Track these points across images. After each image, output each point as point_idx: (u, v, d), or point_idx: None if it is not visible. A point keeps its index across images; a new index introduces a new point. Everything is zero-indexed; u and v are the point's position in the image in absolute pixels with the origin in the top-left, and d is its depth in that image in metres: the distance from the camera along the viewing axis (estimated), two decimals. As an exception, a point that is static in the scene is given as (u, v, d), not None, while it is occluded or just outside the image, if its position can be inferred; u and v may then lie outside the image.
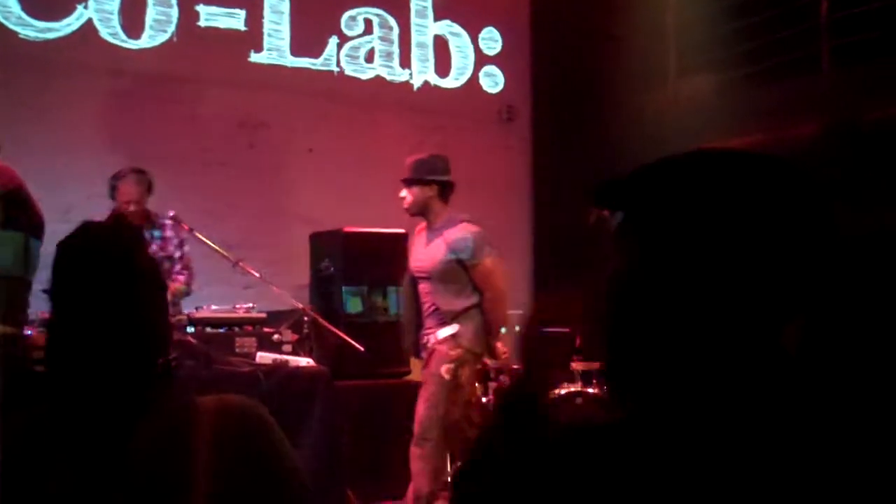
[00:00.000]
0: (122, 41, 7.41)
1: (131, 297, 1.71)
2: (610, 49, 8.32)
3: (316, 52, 8.22)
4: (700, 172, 1.17)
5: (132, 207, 5.92)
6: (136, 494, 1.57)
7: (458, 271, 5.54)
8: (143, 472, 1.58)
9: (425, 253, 5.64)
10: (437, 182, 5.67)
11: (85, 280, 1.69)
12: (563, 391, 6.48)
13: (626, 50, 8.20)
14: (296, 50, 8.11)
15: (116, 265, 1.72)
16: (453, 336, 5.52)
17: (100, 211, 5.82)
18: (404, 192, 5.72)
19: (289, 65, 8.09)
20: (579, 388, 6.32)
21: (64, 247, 1.76)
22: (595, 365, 6.33)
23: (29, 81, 7.04)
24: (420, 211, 5.69)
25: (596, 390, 6.31)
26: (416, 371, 6.90)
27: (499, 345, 5.77)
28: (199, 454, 1.57)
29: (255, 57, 7.95)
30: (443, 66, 8.80)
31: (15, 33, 7.06)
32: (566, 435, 1.17)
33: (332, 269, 6.78)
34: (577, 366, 6.33)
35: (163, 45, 7.56)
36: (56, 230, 6.65)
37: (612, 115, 8.27)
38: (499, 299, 5.70)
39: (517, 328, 7.25)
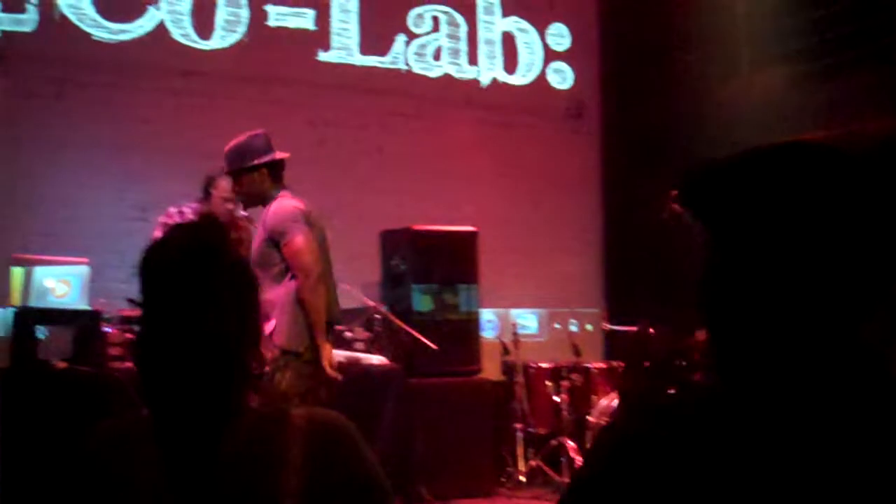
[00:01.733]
0: (194, 42, 7.56)
1: (222, 297, 1.70)
2: (680, 42, 8.27)
3: (384, 50, 8.29)
4: (786, 167, 1.19)
5: (230, 205, 5.86)
6: (224, 500, 1.61)
7: (272, 253, 4.72)
8: (232, 477, 1.60)
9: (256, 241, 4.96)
10: (263, 164, 5.01)
11: (173, 282, 1.70)
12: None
13: (697, 43, 8.15)
14: (364, 48, 8.19)
15: (205, 265, 1.71)
16: (269, 334, 4.60)
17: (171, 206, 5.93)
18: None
19: (357, 63, 8.17)
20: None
21: (153, 248, 1.77)
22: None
23: (102, 82, 7.20)
24: (258, 200, 5.03)
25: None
26: (488, 369, 6.94)
27: (325, 345, 4.67)
28: (288, 464, 1.61)
29: (323, 56, 8.05)
30: (511, 63, 8.82)
31: (89, 35, 7.23)
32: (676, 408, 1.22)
33: (402, 266, 6.84)
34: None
35: (233, 45, 7.68)
36: (131, 228, 6.85)
37: (682, 109, 8.22)
38: (310, 285, 4.65)
39: (603, 326, 7.24)
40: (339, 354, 5.55)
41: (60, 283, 5.31)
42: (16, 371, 4.84)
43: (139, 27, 7.39)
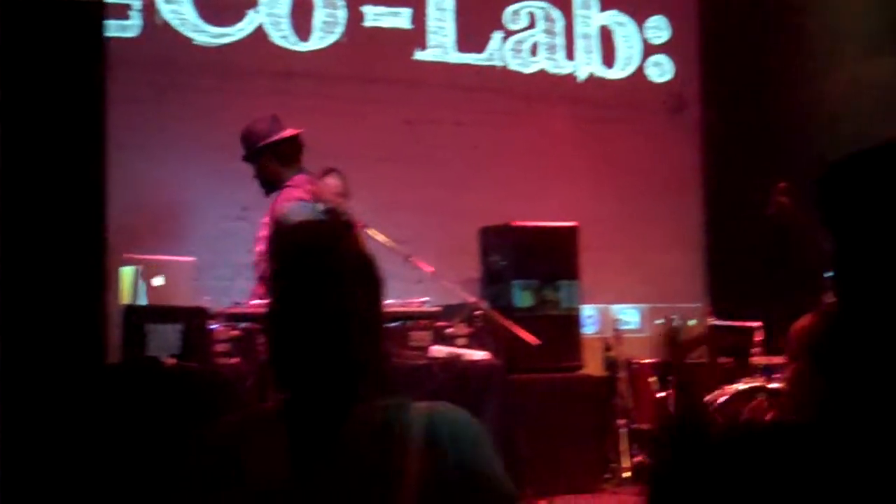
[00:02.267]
0: (292, 44, 7.67)
1: (353, 283, 1.74)
2: (784, 33, 8.13)
3: (480, 47, 8.30)
4: None
5: (339, 200, 5.89)
6: (345, 487, 1.63)
7: None
8: (353, 464, 1.63)
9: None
10: (270, 145, 4.99)
11: (310, 262, 1.74)
12: (742, 385, 6.36)
13: (802, 34, 7.99)
14: (460, 46, 8.21)
15: (339, 252, 1.76)
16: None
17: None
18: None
19: (453, 61, 8.20)
20: (760, 383, 6.19)
21: (291, 230, 1.82)
22: (776, 359, 6.18)
23: (204, 86, 7.35)
24: (273, 186, 5.00)
25: (778, 384, 6.17)
26: (590, 365, 6.90)
27: None
28: (409, 455, 1.62)
29: (419, 54, 8.09)
30: (608, 57, 8.76)
31: (190, 40, 7.39)
32: (725, 440, 1.17)
33: (502, 263, 6.84)
34: (757, 360, 6.20)
35: (331, 46, 7.78)
36: (233, 228, 6.98)
37: (786, 101, 8.08)
38: None
39: (708, 321, 7.17)
40: (442, 350, 5.59)
41: (168, 282, 5.43)
42: (126, 367, 4.96)
43: (239, 30, 7.53)
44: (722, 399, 6.35)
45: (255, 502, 1.63)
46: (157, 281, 5.39)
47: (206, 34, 7.43)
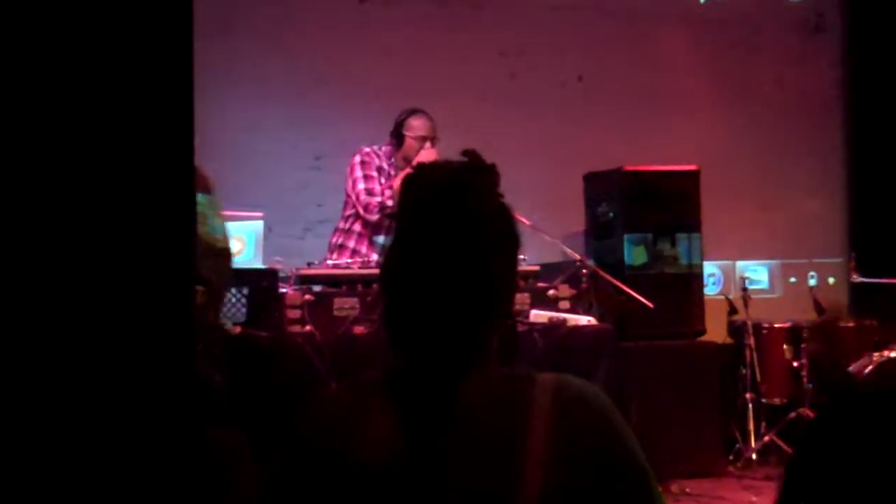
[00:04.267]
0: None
1: (488, 238, 1.76)
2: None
3: (585, -36, 8.22)
4: None
5: (430, 145, 6.06)
6: (465, 463, 1.66)
7: None
8: (470, 435, 1.66)
9: None
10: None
11: (441, 209, 1.75)
12: (893, 353, 6.33)
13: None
14: (562, -37, 8.15)
15: (476, 199, 1.78)
16: None
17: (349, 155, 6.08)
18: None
19: (553, -23, 8.13)
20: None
21: (419, 171, 1.83)
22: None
23: (271, 14, 7.40)
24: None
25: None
26: (712, 330, 6.87)
27: None
28: (533, 430, 1.65)
29: (515, -28, 8.04)
30: (734, -30, 8.61)
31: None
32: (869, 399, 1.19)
33: (611, 214, 6.82)
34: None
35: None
36: (305, 178, 7.06)
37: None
38: None
39: (852, 278, 7.10)
40: (542, 315, 5.60)
41: (233, 240, 5.51)
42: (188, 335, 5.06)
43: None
44: (868, 368, 6.32)
45: (365, 480, 1.68)
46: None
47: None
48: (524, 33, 8.00)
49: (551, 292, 5.76)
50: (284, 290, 5.26)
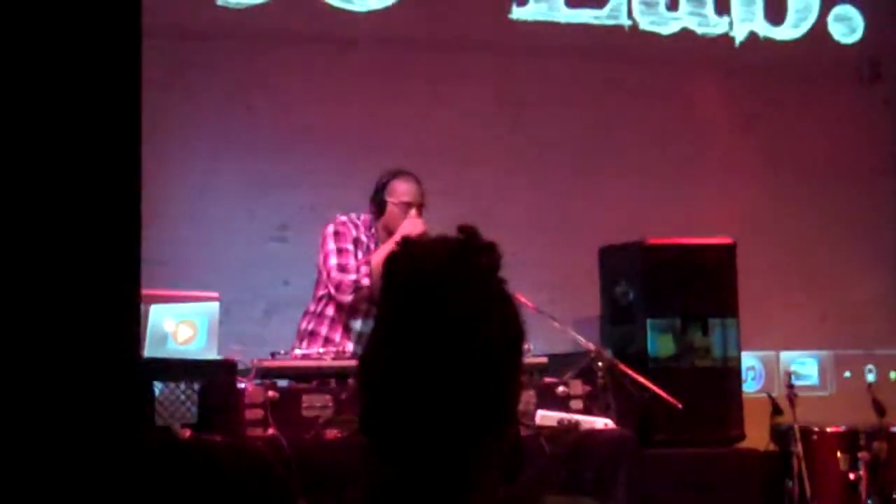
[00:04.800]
0: (346, 2, 7.72)
1: (492, 331, 1.73)
2: None
3: (599, 1, 8.29)
4: None
5: (416, 213, 6.07)
6: None
7: None
8: None
9: None
10: None
11: (438, 297, 1.73)
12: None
13: None
14: (572, 0, 8.20)
15: (478, 285, 1.75)
16: None
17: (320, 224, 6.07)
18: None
19: (563, 20, 8.20)
20: None
21: (395, 267, 1.80)
22: None
23: (229, 58, 7.42)
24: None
25: None
26: (752, 435, 6.83)
27: None
28: None
29: (518, 12, 8.11)
30: (775, 11, 8.69)
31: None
32: None
33: (631, 295, 6.79)
34: None
35: (396, 4, 7.81)
36: (267, 252, 7.04)
37: None
38: None
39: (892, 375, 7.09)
40: (551, 416, 5.56)
41: (183, 326, 5.48)
42: (126, 441, 5.01)
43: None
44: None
45: None
46: (169, 325, 5.44)
47: (235, -10, 7.53)
48: (529, 82, 8.05)
49: (561, 389, 5.74)
50: (243, 386, 5.22)
